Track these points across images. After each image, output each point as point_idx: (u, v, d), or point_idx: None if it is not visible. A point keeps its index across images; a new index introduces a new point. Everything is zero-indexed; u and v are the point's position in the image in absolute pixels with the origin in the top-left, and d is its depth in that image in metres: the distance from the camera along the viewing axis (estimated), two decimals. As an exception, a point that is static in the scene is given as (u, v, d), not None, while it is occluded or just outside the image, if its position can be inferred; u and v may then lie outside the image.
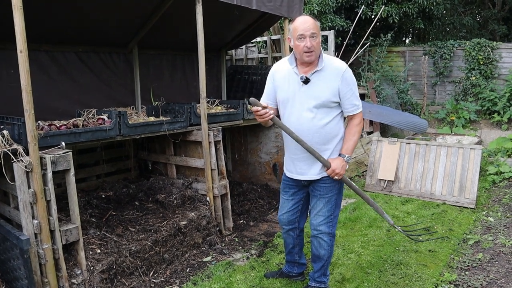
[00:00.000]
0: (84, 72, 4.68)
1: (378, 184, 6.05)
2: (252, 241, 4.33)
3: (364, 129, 7.83)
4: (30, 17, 2.89)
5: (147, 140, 5.05)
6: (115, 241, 3.55)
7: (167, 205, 4.18)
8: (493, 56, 9.72)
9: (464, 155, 5.61)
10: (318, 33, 2.74)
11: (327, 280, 3.26)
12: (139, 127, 3.89)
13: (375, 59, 9.96)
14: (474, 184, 5.40)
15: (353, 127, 2.91)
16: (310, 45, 2.69)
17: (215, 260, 3.94)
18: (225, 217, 4.46)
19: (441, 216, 4.99)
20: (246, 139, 5.76)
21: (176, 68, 5.74)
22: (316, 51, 2.75)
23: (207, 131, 4.18)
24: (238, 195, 5.40)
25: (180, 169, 4.74)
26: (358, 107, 2.88)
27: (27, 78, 2.77)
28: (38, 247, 3.00)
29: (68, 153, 3.07)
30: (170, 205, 4.17)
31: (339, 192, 3.05)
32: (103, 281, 3.29)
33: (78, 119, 3.68)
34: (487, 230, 4.50)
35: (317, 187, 2.99)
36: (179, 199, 4.21)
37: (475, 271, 3.62)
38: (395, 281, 3.50)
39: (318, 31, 2.75)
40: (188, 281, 3.55)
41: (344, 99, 2.83)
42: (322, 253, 3.12)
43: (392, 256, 3.95)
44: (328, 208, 3.01)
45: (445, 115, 9.63)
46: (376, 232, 4.51)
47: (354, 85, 2.86)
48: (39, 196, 2.91)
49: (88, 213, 3.95)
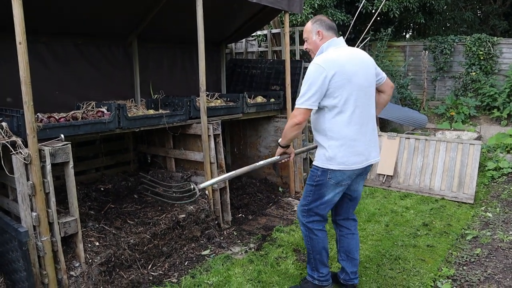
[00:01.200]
0: (83, 65, 4.66)
1: (377, 179, 6.05)
2: (251, 234, 4.33)
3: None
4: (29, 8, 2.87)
5: (147, 133, 5.04)
6: (114, 234, 3.55)
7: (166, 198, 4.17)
8: (493, 51, 9.70)
9: (464, 151, 5.61)
10: (308, 36, 2.98)
11: (316, 277, 3.15)
12: (138, 120, 3.88)
13: (375, 53, 9.93)
14: (473, 179, 5.41)
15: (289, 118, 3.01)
16: (304, 47, 3.07)
17: (213, 253, 3.95)
18: (224, 211, 4.46)
19: (439, 211, 5.00)
20: (246, 133, 5.75)
21: (176, 62, 5.72)
22: (312, 50, 3.01)
23: (206, 125, 4.17)
24: (237, 189, 5.40)
25: (179, 162, 4.74)
26: (296, 101, 2.82)
27: (26, 69, 2.75)
28: (36, 239, 3.00)
29: (67, 146, 3.06)
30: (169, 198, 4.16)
31: (317, 186, 2.94)
32: (102, 274, 3.29)
33: (77, 112, 3.67)
34: (485, 226, 4.51)
35: None
36: (178, 192, 4.21)
37: (473, 266, 3.63)
38: (393, 276, 3.51)
39: (308, 33, 2.98)
40: (187, 274, 3.56)
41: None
42: (304, 244, 3.19)
43: (390, 250, 3.96)
44: (304, 195, 3.05)
45: (445, 111, 9.62)
46: (375, 227, 4.52)
47: (304, 79, 2.79)
48: (38, 188, 2.90)
49: (87, 205, 3.95)
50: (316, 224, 3.06)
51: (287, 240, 4.20)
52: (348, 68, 2.75)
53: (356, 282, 3.25)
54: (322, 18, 2.98)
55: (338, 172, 2.85)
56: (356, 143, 2.84)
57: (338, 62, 2.74)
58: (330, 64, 2.71)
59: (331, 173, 2.86)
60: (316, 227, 3.06)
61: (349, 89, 2.75)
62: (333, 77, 2.70)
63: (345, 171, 2.85)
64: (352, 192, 3.10)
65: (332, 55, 2.79)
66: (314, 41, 2.94)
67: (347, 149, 2.82)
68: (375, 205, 5.21)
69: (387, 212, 4.96)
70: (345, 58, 2.79)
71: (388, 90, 3.12)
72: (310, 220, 3.04)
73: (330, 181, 2.89)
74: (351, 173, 2.89)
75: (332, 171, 2.86)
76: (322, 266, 3.13)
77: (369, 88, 2.89)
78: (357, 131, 2.83)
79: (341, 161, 2.82)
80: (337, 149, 2.81)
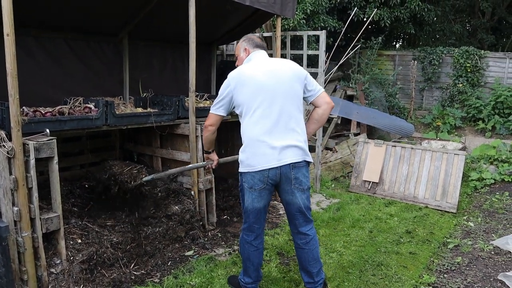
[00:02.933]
0: (72, 60, 4.61)
1: (363, 185, 6.10)
2: (235, 236, 4.32)
3: (351, 130, 7.88)
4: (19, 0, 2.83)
5: (134, 131, 4.99)
6: (97, 232, 3.51)
7: (151, 197, 4.15)
8: (480, 64, 9.87)
9: (448, 160, 5.69)
10: (237, 53, 3.22)
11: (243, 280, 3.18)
12: (126, 117, 3.85)
13: (365, 61, 10.02)
14: (457, 189, 5.48)
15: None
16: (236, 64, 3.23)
17: (197, 254, 3.93)
18: (209, 212, 4.45)
19: (423, 219, 5.06)
20: (233, 135, 5.73)
21: (166, 61, 5.69)
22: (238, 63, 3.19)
23: (194, 125, 4.16)
24: (223, 190, 5.38)
25: (165, 161, 4.71)
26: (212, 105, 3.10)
27: (13, 62, 2.72)
28: (17, 234, 2.95)
29: (52, 141, 3.03)
30: (154, 198, 4.14)
31: (240, 191, 3.03)
32: (83, 272, 3.25)
33: (64, 107, 3.63)
34: (467, 235, 4.57)
35: None
36: (164, 192, 4.18)
37: (453, 274, 3.68)
38: (375, 282, 3.53)
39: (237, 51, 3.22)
40: (169, 275, 3.53)
41: None
42: None
43: (373, 256, 3.98)
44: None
45: (431, 120, 9.75)
46: (359, 233, 4.55)
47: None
48: (21, 183, 2.86)
49: (70, 202, 3.90)
50: (246, 233, 3.07)
51: (271, 243, 4.20)
52: (257, 78, 2.89)
53: None
54: (251, 37, 3.19)
55: (248, 175, 2.89)
56: (261, 144, 2.82)
57: (243, 75, 2.92)
58: (234, 78, 2.93)
59: (244, 176, 2.93)
60: (245, 237, 3.08)
61: (256, 99, 2.86)
62: (236, 88, 2.91)
63: (253, 173, 2.85)
64: (285, 204, 3.03)
65: (240, 69, 3.00)
66: (242, 57, 3.15)
67: (250, 150, 2.87)
68: (359, 211, 5.25)
69: (371, 219, 5.00)
70: (254, 70, 2.94)
71: (323, 105, 3.01)
72: (245, 226, 3.08)
73: (245, 185, 2.93)
74: (260, 176, 2.84)
75: (244, 174, 2.93)
76: (246, 274, 3.16)
77: (284, 94, 2.88)
78: (263, 132, 2.82)
79: (247, 163, 2.89)
80: (244, 151, 2.92)
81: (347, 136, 7.74)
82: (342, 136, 7.92)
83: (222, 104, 3.01)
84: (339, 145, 7.16)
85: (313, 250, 3.06)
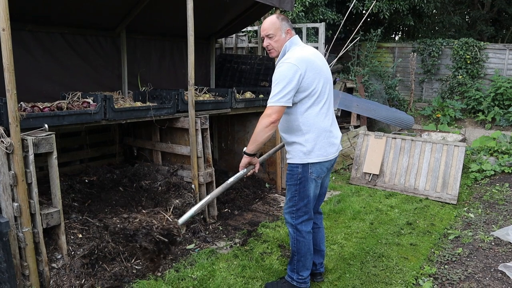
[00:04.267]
0: (70, 55, 4.59)
1: (363, 178, 6.09)
2: (236, 230, 4.32)
3: (351, 123, 7.87)
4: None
5: (133, 125, 4.99)
6: (98, 226, 3.50)
7: (151, 191, 4.14)
8: (480, 56, 9.84)
9: (448, 152, 5.68)
10: (275, 33, 2.91)
11: (295, 278, 3.15)
12: (125, 111, 3.83)
13: (365, 53, 9.98)
14: (457, 180, 5.48)
15: (259, 120, 2.83)
16: (265, 44, 2.97)
17: (198, 247, 3.93)
18: (210, 206, 4.45)
19: (423, 210, 5.06)
20: (234, 128, 5.73)
21: (165, 54, 5.67)
22: (276, 48, 2.95)
23: (194, 118, 4.14)
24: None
25: (165, 156, 4.70)
26: (268, 101, 2.78)
27: (9, 57, 2.70)
28: (17, 230, 2.95)
29: (51, 136, 3.02)
30: (154, 192, 4.13)
31: (301, 183, 2.95)
32: (84, 266, 3.25)
33: (63, 102, 3.61)
34: (467, 226, 4.57)
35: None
36: (164, 186, 4.18)
37: (454, 265, 3.68)
38: (376, 273, 3.53)
39: (276, 30, 2.91)
40: (171, 268, 3.53)
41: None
42: (290, 245, 3.17)
43: (374, 248, 3.98)
44: (289, 197, 3.04)
45: (431, 112, 9.73)
46: (360, 225, 4.55)
47: (278, 78, 2.76)
48: (20, 178, 2.85)
49: (70, 197, 3.89)
50: (305, 224, 3.06)
51: (272, 236, 4.20)
52: (317, 63, 2.87)
53: (322, 270, 3.37)
54: (287, 18, 3.04)
55: (317, 165, 2.92)
56: (330, 134, 2.95)
57: (308, 59, 2.83)
58: (302, 62, 2.78)
59: (312, 167, 2.91)
60: (305, 229, 3.06)
61: (319, 83, 2.86)
62: (305, 73, 2.77)
63: (324, 162, 2.94)
64: (322, 186, 3.15)
65: (301, 53, 2.85)
66: (284, 39, 2.94)
67: (323, 140, 2.90)
68: (360, 203, 5.25)
69: (372, 211, 5.00)
70: (311, 55, 2.89)
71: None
72: (300, 221, 3.04)
73: (312, 176, 2.93)
74: (328, 164, 2.99)
75: (312, 165, 2.91)
76: (304, 269, 3.14)
77: (331, 82, 3.02)
78: (329, 122, 2.95)
79: (319, 153, 2.90)
80: (314, 141, 2.88)
81: (347, 128, 7.72)
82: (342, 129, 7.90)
83: (289, 92, 2.74)
84: (339, 138, 7.15)
85: (323, 228, 3.37)
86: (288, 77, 2.73)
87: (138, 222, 1.81)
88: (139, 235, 1.80)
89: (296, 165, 2.93)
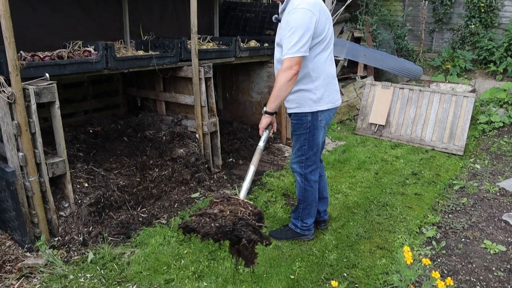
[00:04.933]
0: (70, 5, 4.44)
1: (369, 128, 6.04)
2: (241, 179, 4.35)
3: (358, 73, 7.71)
4: None
5: (136, 75, 4.91)
6: (103, 176, 3.53)
7: (155, 141, 4.14)
8: (495, 4, 9.42)
9: (457, 103, 5.58)
10: None
11: (299, 226, 3.20)
12: (127, 60, 3.75)
13: (374, 2, 9.61)
14: (464, 131, 5.42)
15: (277, 75, 2.69)
16: None
17: (203, 196, 3.97)
18: (214, 155, 4.45)
19: (429, 161, 5.04)
20: (238, 78, 5.63)
21: (167, 2, 5.48)
22: None
23: (197, 67, 4.06)
24: (228, 134, 5.36)
25: (169, 105, 4.66)
26: (287, 52, 2.61)
27: (5, 3, 2.61)
28: (24, 179, 2.97)
29: (52, 85, 2.97)
30: (159, 142, 4.12)
31: (310, 132, 2.91)
32: (91, 214, 3.30)
33: (63, 50, 3.52)
34: (473, 177, 4.56)
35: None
36: (168, 136, 4.17)
37: (458, 215, 3.70)
38: (380, 221, 3.57)
39: None
40: (176, 216, 3.59)
41: (282, 40, 2.70)
42: (297, 193, 3.18)
43: (378, 197, 4.01)
44: (298, 146, 3.00)
45: (441, 63, 9.48)
46: (364, 174, 4.56)
47: (294, 26, 2.59)
48: (23, 128, 2.84)
49: (75, 147, 3.90)
50: (313, 174, 3.07)
51: (276, 184, 4.23)
52: (324, 7, 2.78)
53: (326, 218, 3.41)
54: None
55: (326, 112, 2.91)
56: (335, 81, 2.94)
57: (318, 2, 2.72)
58: (315, 7, 2.66)
59: (321, 115, 2.89)
60: (313, 178, 3.07)
61: (329, 29, 2.80)
62: (319, 18, 2.67)
63: (332, 109, 2.93)
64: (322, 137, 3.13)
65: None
66: None
67: (331, 87, 2.88)
68: (365, 153, 5.23)
69: (377, 161, 4.99)
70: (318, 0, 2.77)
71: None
72: (309, 170, 3.05)
73: (321, 123, 2.91)
74: (334, 111, 2.99)
75: (322, 112, 2.88)
76: (308, 217, 3.18)
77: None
78: (334, 68, 2.93)
79: (328, 99, 2.87)
80: (323, 88, 2.84)
81: (354, 79, 7.57)
82: (349, 79, 7.75)
83: (307, 40, 2.60)
84: (345, 88, 7.03)
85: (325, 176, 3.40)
86: (305, 23, 2.59)
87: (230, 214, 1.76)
88: (241, 229, 1.72)
89: (305, 113, 2.88)
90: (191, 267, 2.91)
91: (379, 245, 3.21)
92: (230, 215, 1.86)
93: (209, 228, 1.79)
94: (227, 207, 1.91)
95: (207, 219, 1.82)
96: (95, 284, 2.74)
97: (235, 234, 1.84)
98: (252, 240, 1.83)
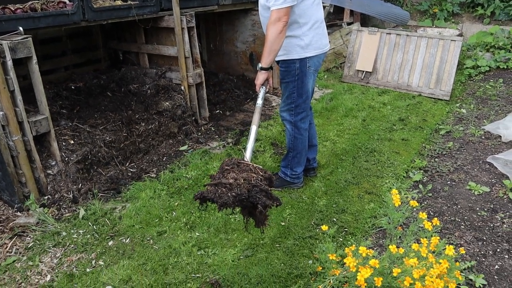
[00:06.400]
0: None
1: (356, 75, 6.00)
2: (228, 130, 4.33)
3: (344, 19, 7.54)
4: None
5: (116, 28, 4.72)
6: (88, 132, 3.48)
7: (140, 95, 4.05)
8: None
9: (444, 47, 5.52)
10: None
11: (289, 174, 3.23)
12: (105, 11, 3.58)
13: None
14: (451, 76, 5.41)
15: (267, 29, 2.61)
16: None
17: (191, 148, 3.96)
18: (201, 107, 4.40)
19: (416, 107, 5.06)
20: (222, 28, 5.47)
21: None
22: None
23: (179, 17, 3.91)
24: (214, 85, 5.28)
25: (152, 58, 4.53)
26: (274, 4, 2.54)
27: None
28: (7, 139, 2.91)
29: (28, 39, 2.84)
30: (143, 95, 4.04)
31: (299, 79, 2.88)
32: (79, 171, 3.28)
33: (36, 2, 3.34)
34: (459, 121, 4.60)
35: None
36: (153, 89, 4.08)
37: (444, 158, 3.76)
38: (368, 167, 3.62)
39: None
40: (165, 169, 3.59)
41: None
42: (286, 141, 3.18)
43: (366, 144, 4.04)
44: (287, 94, 2.98)
45: (428, 7, 9.30)
46: (352, 122, 4.57)
47: None
48: (1, 86, 2.75)
49: (58, 104, 3.80)
50: (303, 121, 3.06)
51: (265, 134, 4.22)
52: None
53: (315, 165, 3.46)
54: None
55: (315, 58, 2.87)
56: (323, 25, 2.88)
57: None
58: None
59: (309, 61, 2.84)
60: (303, 126, 3.07)
61: None
62: None
63: (320, 55, 2.89)
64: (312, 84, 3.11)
65: None
66: None
67: (318, 32, 2.83)
68: (353, 100, 5.22)
69: (364, 108, 4.99)
70: None
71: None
72: (299, 118, 3.03)
73: (310, 70, 2.88)
74: (323, 56, 2.95)
75: (310, 58, 2.84)
76: (298, 165, 3.20)
77: None
78: (321, 12, 2.86)
79: (316, 45, 2.83)
80: (310, 33, 2.78)
81: (340, 25, 7.41)
82: (335, 26, 7.58)
83: None
84: (331, 35, 6.89)
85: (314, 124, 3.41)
86: None
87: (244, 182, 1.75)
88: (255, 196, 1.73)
89: (293, 60, 2.84)
90: (182, 218, 2.94)
91: (367, 190, 3.28)
92: (244, 182, 1.88)
93: (226, 198, 1.81)
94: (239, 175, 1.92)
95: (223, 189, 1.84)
96: (88, 239, 2.76)
97: (250, 201, 1.87)
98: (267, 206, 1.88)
